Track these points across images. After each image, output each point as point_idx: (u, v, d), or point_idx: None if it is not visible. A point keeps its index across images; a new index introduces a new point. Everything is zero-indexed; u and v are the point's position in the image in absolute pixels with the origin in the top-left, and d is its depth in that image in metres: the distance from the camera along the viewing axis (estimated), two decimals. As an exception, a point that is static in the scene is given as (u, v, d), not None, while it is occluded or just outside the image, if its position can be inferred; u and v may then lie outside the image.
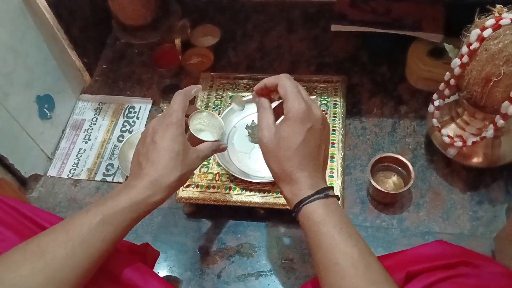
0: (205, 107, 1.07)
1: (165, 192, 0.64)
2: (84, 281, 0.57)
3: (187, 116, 0.71)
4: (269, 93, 0.66)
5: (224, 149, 0.76)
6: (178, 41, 1.21)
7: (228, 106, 1.02)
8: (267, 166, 0.63)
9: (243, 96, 0.78)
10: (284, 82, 0.62)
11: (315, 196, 0.58)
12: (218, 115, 1.03)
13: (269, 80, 0.64)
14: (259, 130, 0.63)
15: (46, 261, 0.54)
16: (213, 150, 0.72)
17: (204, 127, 0.73)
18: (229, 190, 0.95)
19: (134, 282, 0.64)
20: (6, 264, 0.54)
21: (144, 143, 0.67)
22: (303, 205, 0.58)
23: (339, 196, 0.91)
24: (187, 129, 0.71)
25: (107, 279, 0.62)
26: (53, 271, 0.54)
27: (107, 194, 0.63)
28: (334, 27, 1.10)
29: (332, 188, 0.61)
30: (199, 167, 0.97)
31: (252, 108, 1.01)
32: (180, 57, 1.23)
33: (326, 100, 1.04)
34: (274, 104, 0.67)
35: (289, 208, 0.62)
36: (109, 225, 0.59)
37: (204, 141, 0.72)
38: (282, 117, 0.62)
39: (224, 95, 1.08)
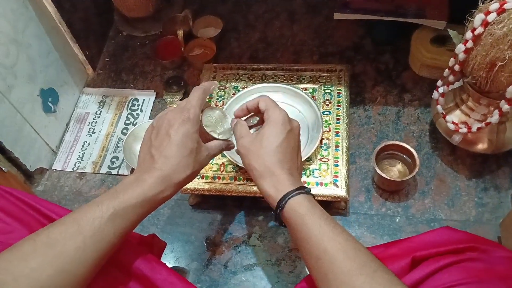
0: (208, 98, 1.06)
1: (175, 188, 0.64)
2: (94, 273, 0.57)
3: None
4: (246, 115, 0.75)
5: (232, 148, 0.76)
6: (180, 33, 1.21)
7: (231, 97, 1.02)
8: (248, 168, 0.68)
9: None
10: (265, 98, 0.71)
11: (299, 191, 0.62)
12: (222, 105, 1.03)
13: (250, 103, 0.73)
14: (238, 139, 0.70)
15: (56, 253, 0.54)
16: (221, 150, 0.73)
17: (209, 123, 0.72)
18: (234, 180, 0.95)
19: (142, 272, 0.64)
20: (16, 255, 0.53)
21: (158, 134, 0.66)
22: (289, 198, 0.62)
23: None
24: None
25: (115, 268, 0.63)
26: (63, 263, 0.54)
27: (118, 186, 0.62)
28: (337, 16, 1.10)
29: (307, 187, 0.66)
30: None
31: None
32: (182, 49, 1.22)
33: (330, 89, 1.04)
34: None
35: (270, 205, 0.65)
36: (120, 219, 0.58)
37: (213, 138, 0.72)
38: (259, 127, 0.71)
39: (227, 86, 1.08)
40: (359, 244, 0.58)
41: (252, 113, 0.75)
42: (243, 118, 0.75)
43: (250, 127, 0.74)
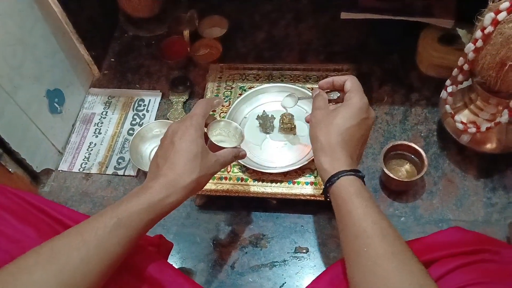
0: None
1: (182, 194, 0.63)
2: (99, 285, 0.56)
3: (206, 125, 0.71)
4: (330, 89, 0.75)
5: (244, 155, 0.77)
6: (186, 33, 1.21)
7: (238, 97, 1.02)
8: (312, 137, 0.69)
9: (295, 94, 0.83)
10: (353, 78, 0.72)
11: (353, 172, 0.63)
12: (229, 105, 1.03)
13: (338, 78, 0.73)
14: (314, 109, 0.72)
15: (59, 265, 0.53)
16: (234, 156, 0.73)
17: (224, 137, 0.74)
18: (241, 181, 0.94)
19: (150, 273, 0.64)
20: (19, 268, 0.52)
21: (162, 145, 0.67)
22: (342, 176, 0.63)
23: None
24: (206, 139, 0.71)
25: (122, 269, 0.62)
26: (67, 275, 0.52)
27: (124, 197, 0.61)
28: (344, 15, 1.09)
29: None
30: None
31: (262, 99, 1.01)
32: (188, 49, 1.22)
33: (337, 89, 1.03)
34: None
35: (321, 179, 0.68)
36: (124, 228, 0.57)
37: (222, 148, 0.72)
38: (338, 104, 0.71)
39: (233, 86, 1.07)
40: (399, 235, 0.57)
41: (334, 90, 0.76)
42: (326, 91, 0.76)
43: (329, 101, 0.74)
